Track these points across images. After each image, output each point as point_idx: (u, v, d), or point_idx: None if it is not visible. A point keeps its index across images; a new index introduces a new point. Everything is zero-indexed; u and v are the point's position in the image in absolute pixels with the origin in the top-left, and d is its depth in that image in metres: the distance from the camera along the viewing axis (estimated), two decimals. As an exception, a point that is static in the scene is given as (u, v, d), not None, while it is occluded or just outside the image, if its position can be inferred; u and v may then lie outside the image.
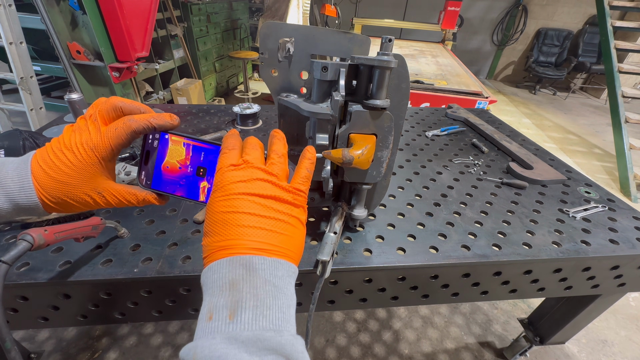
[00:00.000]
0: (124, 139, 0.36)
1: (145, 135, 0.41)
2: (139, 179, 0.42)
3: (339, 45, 0.60)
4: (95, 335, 1.24)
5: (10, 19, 1.69)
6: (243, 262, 0.30)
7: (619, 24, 2.83)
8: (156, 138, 0.40)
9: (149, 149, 0.41)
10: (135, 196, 0.40)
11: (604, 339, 1.41)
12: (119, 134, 0.36)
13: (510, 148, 1.10)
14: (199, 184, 0.41)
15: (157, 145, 0.41)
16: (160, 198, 0.42)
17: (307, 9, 3.80)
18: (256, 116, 1.21)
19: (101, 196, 0.38)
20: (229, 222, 0.32)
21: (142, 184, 0.42)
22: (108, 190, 0.38)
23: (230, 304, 0.28)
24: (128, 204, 0.40)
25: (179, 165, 0.41)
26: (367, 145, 0.50)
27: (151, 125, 0.37)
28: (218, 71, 3.88)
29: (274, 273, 0.31)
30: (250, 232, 0.31)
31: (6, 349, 0.35)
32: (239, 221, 0.31)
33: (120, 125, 0.36)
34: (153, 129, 0.38)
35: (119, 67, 2.07)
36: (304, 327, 0.50)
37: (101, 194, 0.38)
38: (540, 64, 5.34)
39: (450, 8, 3.77)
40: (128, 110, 0.38)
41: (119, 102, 0.37)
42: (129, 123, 0.36)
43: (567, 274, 0.71)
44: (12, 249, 0.40)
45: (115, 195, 0.39)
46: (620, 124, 2.67)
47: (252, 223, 0.32)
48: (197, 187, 0.41)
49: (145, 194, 0.41)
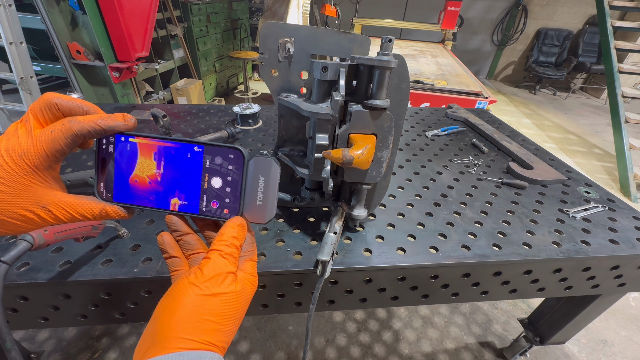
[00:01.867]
0: (62, 144, 0.31)
1: (99, 140, 0.36)
2: (97, 191, 0.37)
3: (339, 45, 0.60)
4: (95, 335, 1.24)
5: (10, 19, 1.69)
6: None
7: (619, 24, 2.83)
8: (111, 142, 0.36)
9: (104, 155, 0.37)
10: (92, 210, 0.35)
11: (604, 339, 1.41)
12: (55, 138, 0.30)
13: (510, 148, 1.10)
14: (169, 200, 0.38)
15: (114, 150, 0.36)
16: (125, 211, 0.38)
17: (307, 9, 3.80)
18: (256, 116, 1.21)
19: (47, 211, 0.32)
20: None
21: (101, 197, 0.37)
22: (55, 204, 0.32)
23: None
24: (83, 219, 0.35)
25: (149, 180, 0.37)
26: (367, 145, 0.50)
27: (99, 127, 0.32)
28: (218, 71, 3.88)
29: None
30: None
31: (6, 349, 0.35)
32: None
33: (58, 127, 0.31)
34: (102, 132, 0.33)
35: (119, 67, 2.07)
36: (304, 327, 0.50)
37: (46, 208, 0.32)
38: (540, 64, 5.34)
39: (450, 8, 3.77)
40: (66, 108, 0.32)
41: (54, 98, 0.32)
42: (68, 125, 0.31)
43: (567, 274, 0.71)
44: (12, 249, 0.40)
45: (66, 209, 0.33)
46: (620, 124, 2.67)
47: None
48: (168, 202, 0.38)
49: (103, 206, 0.36)
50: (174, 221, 0.38)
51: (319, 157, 0.55)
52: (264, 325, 1.33)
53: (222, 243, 0.36)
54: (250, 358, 1.21)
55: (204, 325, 0.33)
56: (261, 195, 0.39)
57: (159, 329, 0.33)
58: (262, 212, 0.39)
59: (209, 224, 0.42)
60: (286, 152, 0.69)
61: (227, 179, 0.38)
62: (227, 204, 0.39)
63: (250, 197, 0.39)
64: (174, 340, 0.31)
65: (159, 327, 0.33)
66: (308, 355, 1.23)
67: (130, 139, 0.36)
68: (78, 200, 0.34)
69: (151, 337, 0.33)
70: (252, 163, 0.38)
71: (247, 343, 1.26)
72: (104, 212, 0.36)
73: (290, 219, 0.72)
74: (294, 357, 1.22)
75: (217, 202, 0.38)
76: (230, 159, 0.37)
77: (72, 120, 0.32)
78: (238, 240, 0.37)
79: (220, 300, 0.34)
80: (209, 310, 0.33)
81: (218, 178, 0.38)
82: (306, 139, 0.63)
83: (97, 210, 0.35)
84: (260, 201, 0.39)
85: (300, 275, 0.61)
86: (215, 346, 0.33)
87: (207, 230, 0.42)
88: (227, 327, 0.35)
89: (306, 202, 0.70)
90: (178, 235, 0.39)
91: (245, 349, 1.24)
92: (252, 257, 0.40)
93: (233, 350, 1.23)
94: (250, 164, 0.38)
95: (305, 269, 0.60)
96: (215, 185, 0.38)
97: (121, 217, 0.37)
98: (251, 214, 0.39)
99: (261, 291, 0.62)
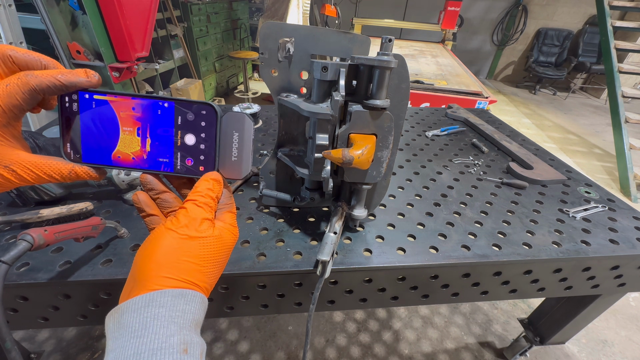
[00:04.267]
0: (20, 99, 0.29)
1: (61, 97, 0.34)
2: (64, 152, 0.36)
3: (339, 45, 0.60)
4: (95, 335, 1.24)
5: (10, 19, 1.69)
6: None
7: (619, 24, 2.83)
8: (74, 100, 0.34)
9: (67, 114, 0.35)
10: (60, 170, 0.34)
11: (604, 339, 1.41)
12: (10, 92, 0.29)
13: (510, 148, 1.10)
14: (153, 168, 0.38)
15: (78, 109, 0.35)
16: (95, 171, 0.36)
17: (307, 9, 3.80)
18: (256, 116, 1.21)
19: (10, 171, 0.31)
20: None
21: (68, 158, 0.36)
22: (19, 163, 0.31)
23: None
24: (50, 180, 0.34)
25: (133, 156, 0.37)
26: (367, 145, 0.50)
27: (58, 82, 0.31)
28: (218, 71, 3.88)
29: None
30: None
31: (6, 349, 0.35)
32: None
33: (14, 81, 0.29)
34: (62, 87, 0.31)
35: (119, 67, 2.07)
36: (304, 327, 0.50)
37: (9, 168, 0.31)
38: (540, 64, 5.34)
39: (450, 8, 3.77)
40: (22, 61, 0.31)
41: (8, 50, 0.30)
42: (25, 79, 0.29)
43: (567, 274, 0.71)
44: (12, 249, 0.40)
45: (31, 169, 0.32)
46: (620, 124, 2.67)
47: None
48: (152, 167, 0.38)
49: (72, 167, 0.34)
50: (149, 180, 0.38)
51: (319, 157, 0.55)
52: (264, 325, 1.33)
53: (197, 194, 0.36)
54: (250, 358, 1.21)
55: (184, 265, 0.33)
56: (236, 150, 0.39)
57: (139, 271, 0.33)
58: (238, 167, 0.39)
59: (184, 182, 0.42)
60: (286, 152, 0.69)
61: (200, 136, 0.38)
62: (202, 160, 0.38)
63: (224, 153, 0.39)
64: (155, 278, 0.31)
65: (139, 270, 0.33)
66: (308, 355, 1.23)
67: (95, 96, 0.35)
68: (44, 160, 0.33)
69: (132, 280, 0.33)
70: (225, 119, 0.38)
71: (247, 343, 1.26)
72: (73, 172, 0.35)
73: (290, 219, 0.72)
74: (294, 357, 1.22)
75: (192, 159, 0.38)
76: (203, 115, 0.37)
77: (29, 74, 0.30)
78: (213, 192, 0.37)
79: (198, 243, 0.34)
80: (187, 253, 0.33)
81: (191, 135, 0.37)
82: (306, 139, 0.63)
83: (66, 171, 0.34)
84: (235, 157, 0.39)
85: (300, 275, 0.61)
86: (197, 285, 0.33)
87: (183, 189, 0.42)
88: (207, 268, 0.35)
89: (306, 202, 0.70)
90: (155, 194, 0.39)
91: (245, 349, 1.24)
92: (230, 209, 0.40)
93: (233, 350, 1.23)
94: (224, 119, 0.38)
95: (305, 269, 0.60)
96: (189, 142, 0.38)
97: (92, 177, 0.36)
98: (226, 169, 0.40)
99: (261, 291, 0.62)
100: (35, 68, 0.32)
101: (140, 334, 0.28)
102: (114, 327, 0.29)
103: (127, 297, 0.31)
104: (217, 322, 1.32)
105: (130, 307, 0.30)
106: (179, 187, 0.42)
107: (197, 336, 0.31)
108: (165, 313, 0.29)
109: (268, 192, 0.72)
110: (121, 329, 0.28)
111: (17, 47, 0.31)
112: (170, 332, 0.28)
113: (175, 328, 0.29)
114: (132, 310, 0.29)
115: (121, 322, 0.29)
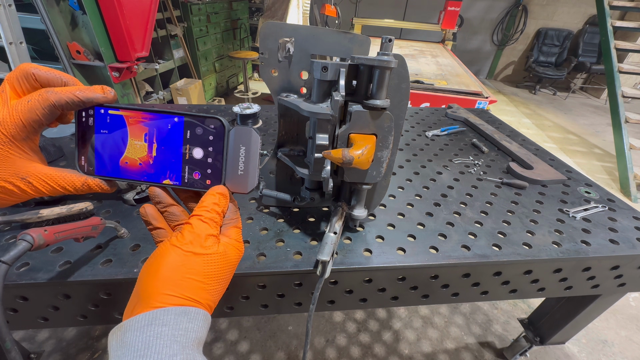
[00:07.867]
0: (40, 114, 0.31)
1: (78, 113, 0.36)
2: (78, 164, 0.38)
3: (339, 45, 0.60)
4: (95, 335, 1.24)
5: (10, 19, 1.69)
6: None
7: (619, 24, 2.83)
8: (90, 115, 0.36)
9: (84, 128, 0.36)
10: (73, 183, 0.35)
11: (604, 339, 1.41)
12: (31, 108, 0.31)
13: (510, 148, 1.10)
14: (160, 180, 0.38)
15: (93, 123, 0.36)
16: (107, 183, 0.38)
17: (307, 9, 3.80)
18: (256, 116, 1.21)
19: (27, 182, 0.32)
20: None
21: (82, 171, 0.37)
22: (35, 176, 0.33)
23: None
24: (64, 192, 0.35)
25: (140, 162, 0.37)
26: (367, 145, 0.50)
27: (77, 99, 0.32)
28: (218, 71, 3.88)
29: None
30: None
31: (6, 349, 0.35)
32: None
33: (35, 97, 0.31)
34: (80, 103, 0.33)
35: (118, 67, 2.07)
36: (304, 327, 0.50)
37: (26, 180, 0.32)
38: (540, 64, 5.34)
39: (450, 8, 3.77)
40: (44, 79, 0.32)
41: (31, 68, 0.32)
42: (45, 95, 0.31)
43: (567, 274, 0.71)
44: (12, 249, 0.40)
45: (46, 182, 0.33)
46: (620, 124, 2.67)
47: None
48: (159, 178, 0.38)
49: (85, 180, 0.36)
50: (157, 193, 0.38)
51: (319, 157, 0.55)
52: (264, 325, 1.33)
53: (203, 209, 0.36)
54: (250, 358, 1.21)
55: (187, 283, 0.33)
56: (242, 164, 0.39)
57: (143, 288, 0.33)
58: (244, 181, 0.40)
59: (191, 196, 0.42)
60: (286, 152, 0.69)
61: (208, 150, 0.38)
62: (209, 174, 0.39)
63: (231, 167, 0.39)
64: (158, 296, 0.32)
65: (143, 286, 0.33)
66: (308, 355, 1.23)
67: (110, 111, 0.36)
68: (59, 172, 0.34)
69: (136, 297, 0.33)
70: (233, 133, 0.38)
71: (247, 343, 1.26)
72: (85, 185, 0.36)
73: (290, 219, 0.72)
74: (294, 357, 1.22)
75: (199, 172, 0.39)
76: (211, 129, 0.37)
77: (49, 90, 0.31)
78: (219, 206, 0.37)
79: (202, 260, 0.34)
80: (191, 270, 0.33)
81: (199, 149, 0.38)
82: (306, 139, 0.63)
83: (79, 183, 0.35)
84: (241, 171, 0.39)
85: (300, 276, 0.61)
86: (199, 303, 0.33)
87: (190, 202, 0.42)
88: (210, 285, 0.35)
89: (306, 202, 0.70)
90: (162, 207, 0.39)
91: (245, 349, 1.24)
92: (236, 224, 0.40)
93: (233, 350, 1.23)
94: (231, 133, 0.38)
95: (305, 269, 0.60)
96: (197, 156, 0.38)
97: (104, 190, 0.37)
98: (233, 183, 0.40)
99: (261, 291, 0.62)
100: (55, 85, 0.33)
101: (143, 354, 0.28)
102: (117, 346, 0.29)
103: (130, 314, 0.32)
104: (217, 322, 1.32)
105: (133, 326, 0.30)
106: (186, 201, 0.42)
107: (199, 355, 0.31)
108: (168, 332, 0.30)
109: (268, 192, 0.72)
110: (124, 348, 0.29)
111: (39, 65, 0.33)
112: (173, 351, 0.29)
113: (178, 347, 0.29)
114: (135, 328, 0.30)
115: (124, 341, 0.29)
